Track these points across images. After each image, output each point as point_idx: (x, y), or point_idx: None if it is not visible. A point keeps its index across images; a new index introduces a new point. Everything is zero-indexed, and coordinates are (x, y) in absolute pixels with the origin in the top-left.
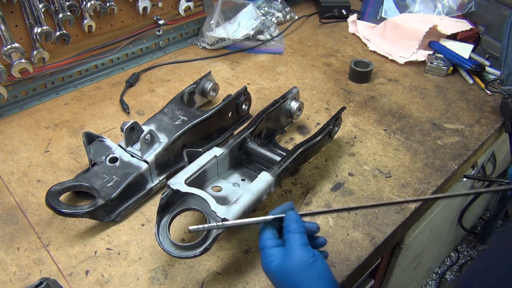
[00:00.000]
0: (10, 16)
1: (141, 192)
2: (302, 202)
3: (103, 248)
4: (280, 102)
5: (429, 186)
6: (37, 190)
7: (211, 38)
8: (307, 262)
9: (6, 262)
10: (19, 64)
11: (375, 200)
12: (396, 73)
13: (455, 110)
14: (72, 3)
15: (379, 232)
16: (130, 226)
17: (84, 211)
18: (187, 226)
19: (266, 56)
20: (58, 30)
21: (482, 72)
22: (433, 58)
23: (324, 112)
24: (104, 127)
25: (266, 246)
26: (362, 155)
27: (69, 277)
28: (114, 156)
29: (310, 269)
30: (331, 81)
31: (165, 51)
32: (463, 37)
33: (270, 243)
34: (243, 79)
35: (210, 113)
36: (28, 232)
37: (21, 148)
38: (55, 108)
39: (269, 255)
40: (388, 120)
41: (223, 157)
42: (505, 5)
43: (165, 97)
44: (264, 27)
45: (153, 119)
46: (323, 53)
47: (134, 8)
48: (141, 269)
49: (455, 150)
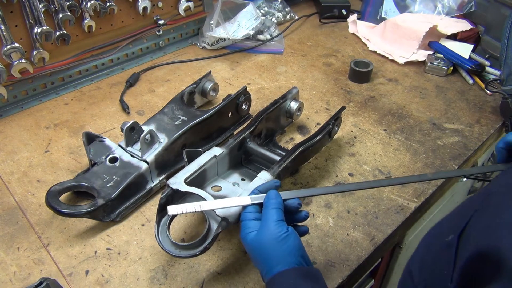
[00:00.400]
0: (10, 16)
1: (141, 192)
2: (302, 201)
3: (103, 248)
4: (280, 102)
5: (429, 186)
6: (37, 190)
7: (211, 38)
8: (279, 237)
9: (6, 262)
10: (19, 64)
11: (375, 200)
12: (396, 73)
13: (455, 110)
14: (72, 3)
15: (379, 232)
16: (130, 226)
17: (84, 211)
18: (187, 226)
19: (266, 56)
20: (58, 30)
21: (482, 72)
22: (433, 58)
23: (324, 112)
24: (104, 127)
25: (245, 218)
26: (362, 155)
27: (69, 277)
28: (114, 156)
29: (281, 244)
30: (331, 81)
31: (165, 51)
32: (463, 37)
33: (250, 215)
34: (243, 79)
35: (210, 113)
36: (28, 232)
37: (21, 148)
38: (55, 108)
39: (246, 227)
40: (388, 120)
41: (222, 157)
42: (505, 5)
43: (165, 97)
44: (264, 27)
45: (153, 119)
46: (323, 53)
47: (134, 8)
48: (141, 269)
49: (455, 150)
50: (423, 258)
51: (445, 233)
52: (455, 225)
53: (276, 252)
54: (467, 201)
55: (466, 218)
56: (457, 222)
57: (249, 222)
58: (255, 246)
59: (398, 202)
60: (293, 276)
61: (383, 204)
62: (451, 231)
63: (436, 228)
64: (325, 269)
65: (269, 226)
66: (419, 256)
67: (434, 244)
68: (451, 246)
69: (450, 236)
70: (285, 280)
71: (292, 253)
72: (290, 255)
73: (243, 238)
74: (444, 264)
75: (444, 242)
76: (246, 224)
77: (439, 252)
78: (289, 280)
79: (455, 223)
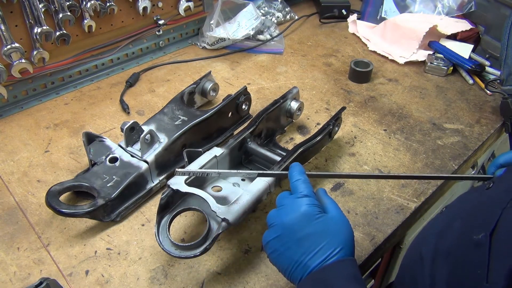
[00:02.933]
0: (10, 16)
1: (141, 192)
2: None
3: (103, 248)
4: (280, 102)
5: (429, 186)
6: (37, 190)
7: (211, 38)
8: (343, 217)
9: (6, 262)
10: (19, 64)
11: (375, 200)
12: (396, 73)
13: (455, 110)
14: (72, 3)
15: (379, 232)
16: (130, 226)
17: (84, 211)
18: (187, 226)
19: (266, 56)
20: (58, 30)
21: (482, 72)
22: (433, 58)
23: (324, 112)
24: (104, 127)
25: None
26: (362, 155)
27: (69, 277)
28: (114, 156)
29: (347, 225)
30: (331, 81)
31: (165, 51)
32: (463, 37)
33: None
34: (243, 79)
35: (210, 113)
36: (28, 232)
37: (21, 148)
38: (55, 108)
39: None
40: (388, 120)
41: (223, 157)
42: (505, 5)
43: (165, 97)
44: (264, 27)
45: (153, 119)
46: (323, 53)
47: (134, 8)
48: (141, 269)
49: (455, 150)
50: (438, 248)
51: (467, 228)
52: (482, 222)
53: (342, 234)
54: (483, 197)
55: (494, 217)
56: (483, 219)
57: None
58: (304, 223)
59: (398, 202)
60: (351, 267)
61: (383, 204)
62: (476, 228)
63: (448, 216)
64: None
65: (329, 201)
66: (433, 243)
67: (453, 236)
68: (482, 245)
69: (480, 234)
70: (345, 271)
71: (352, 238)
72: (352, 240)
73: (295, 209)
74: (476, 263)
75: (471, 239)
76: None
77: (466, 249)
78: (348, 271)
79: (480, 220)
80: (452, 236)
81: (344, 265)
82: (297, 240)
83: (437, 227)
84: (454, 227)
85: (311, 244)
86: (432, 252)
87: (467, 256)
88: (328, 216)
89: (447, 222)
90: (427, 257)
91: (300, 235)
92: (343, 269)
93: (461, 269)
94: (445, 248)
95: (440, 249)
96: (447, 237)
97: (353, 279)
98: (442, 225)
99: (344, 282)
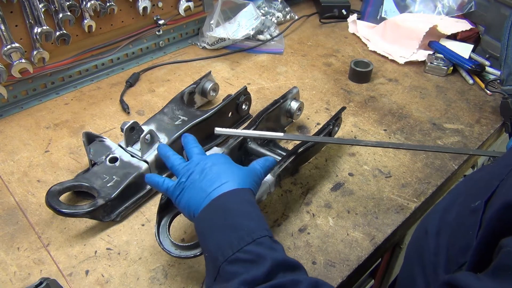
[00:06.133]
0: (10, 16)
1: (141, 192)
2: (302, 202)
3: (103, 248)
4: (280, 102)
5: (429, 186)
6: (37, 190)
7: (211, 38)
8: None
9: (6, 262)
10: (19, 64)
11: (375, 200)
12: (396, 73)
13: (455, 110)
14: (72, 3)
15: (379, 232)
16: (130, 226)
17: (84, 211)
18: (187, 226)
19: (266, 56)
20: (58, 30)
21: (482, 72)
22: (433, 58)
23: (324, 112)
24: (104, 127)
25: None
26: (362, 155)
27: (69, 277)
28: (114, 156)
29: (239, 167)
30: (331, 81)
31: (165, 51)
32: (463, 37)
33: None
34: (243, 79)
35: (210, 113)
36: (28, 232)
37: (21, 148)
38: (55, 108)
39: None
40: (388, 120)
41: None
42: (505, 5)
43: (165, 97)
44: (264, 27)
45: (153, 119)
46: (323, 53)
47: (134, 8)
48: (141, 269)
49: None
50: (442, 222)
51: (468, 201)
52: (480, 193)
53: (242, 173)
54: (484, 173)
55: (492, 188)
56: (481, 190)
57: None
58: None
59: (398, 202)
60: (248, 194)
61: (383, 204)
62: (475, 198)
63: (454, 194)
64: (325, 269)
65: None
66: (437, 218)
67: (455, 209)
68: (477, 211)
69: (476, 202)
70: (240, 197)
71: (249, 175)
72: (250, 178)
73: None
74: (469, 226)
75: (469, 208)
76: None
77: (463, 217)
78: (244, 197)
79: (480, 192)
80: (455, 210)
81: (240, 192)
82: (199, 179)
83: (442, 204)
84: (457, 202)
85: (211, 178)
86: (436, 227)
87: (463, 223)
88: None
89: (452, 199)
90: (432, 232)
91: (202, 176)
92: (239, 195)
93: (457, 233)
94: (448, 221)
95: (444, 223)
96: (451, 211)
97: (247, 203)
98: (447, 202)
99: (239, 206)
